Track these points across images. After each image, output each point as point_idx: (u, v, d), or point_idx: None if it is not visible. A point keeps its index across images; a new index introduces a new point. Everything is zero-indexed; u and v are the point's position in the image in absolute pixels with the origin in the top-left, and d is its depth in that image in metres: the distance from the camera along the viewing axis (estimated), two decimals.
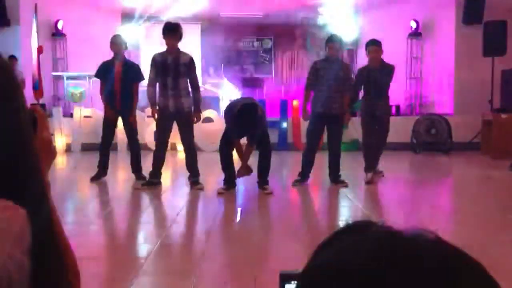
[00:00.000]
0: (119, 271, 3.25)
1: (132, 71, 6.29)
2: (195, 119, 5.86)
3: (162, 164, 5.92)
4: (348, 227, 0.49)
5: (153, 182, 5.88)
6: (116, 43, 6.29)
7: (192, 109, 5.86)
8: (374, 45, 5.98)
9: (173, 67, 5.70)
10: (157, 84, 5.81)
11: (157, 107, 5.82)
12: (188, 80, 5.78)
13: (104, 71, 6.30)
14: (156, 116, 5.84)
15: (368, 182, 6.06)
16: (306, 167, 6.03)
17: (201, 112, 6.06)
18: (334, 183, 5.96)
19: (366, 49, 6.05)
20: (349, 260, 0.44)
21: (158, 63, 5.75)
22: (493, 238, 3.94)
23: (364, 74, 6.07)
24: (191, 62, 5.79)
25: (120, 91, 6.19)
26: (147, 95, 5.88)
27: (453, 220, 4.71)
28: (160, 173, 5.96)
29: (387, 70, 6.06)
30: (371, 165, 6.15)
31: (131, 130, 6.42)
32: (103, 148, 6.39)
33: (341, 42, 6.06)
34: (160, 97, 5.82)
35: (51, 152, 0.85)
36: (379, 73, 5.99)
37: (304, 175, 6.03)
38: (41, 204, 0.73)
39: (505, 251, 3.58)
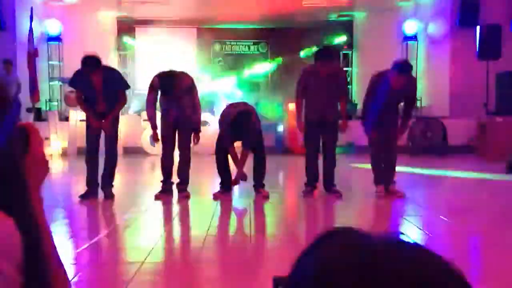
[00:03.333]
0: (114, 275, 3.24)
1: (114, 80, 5.58)
2: (195, 140, 5.70)
3: (171, 170, 5.73)
4: (328, 235, 0.50)
5: (166, 190, 5.69)
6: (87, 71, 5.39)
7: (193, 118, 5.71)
8: (403, 75, 5.31)
9: (173, 91, 5.49)
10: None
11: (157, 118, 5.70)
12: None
13: (80, 82, 5.53)
14: (157, 139, 5.70)
15: (380, 196, 5.56)
16: (312, 178, 5.71)
17: (200, 132, 5.74)
18: (328, 192, 5.67)
19: (392, 71, 5.36)
20: (329, 271, 0.45)
21: (157, 88, 5.54)
22: (492, 240, 3.95)
23: (379, 83, 5.41)
24: (191, 86, 5.61)
25: (103, 100, 5.51)
26: (148, 117, 5.68)
27: (450, 223, 4.72)
28: (171, 179, 5.74)
29: (411, 86, 5.51)
30: (380, 178, 5.65)
31: (112, 139, 5.67)
32: (89, 161, 5.60)
33: (332, 56, 5.58)
34: (162, 106, 5.71)
35: (44, 169, 0.86)
36: (400, 92, 5.42)
37: (312, 185, 5.72)
38: (29, 221, 0.73)
39: (503, 253, 3.59)
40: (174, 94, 5.51)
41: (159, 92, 5.65)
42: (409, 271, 0.44)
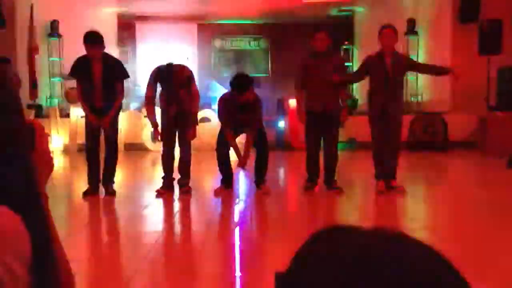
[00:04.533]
0: (115, 271, 3.25)
1: (115, 68, 5.55)
2: (191, 133, 5.61)
3: (172, 166, 5.71)
4: (325, 231, 0.51)
5: (167, 186, 5.66)
6: (89, 48, 5.42)
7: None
8: (388, 28, 5.50)
9: (171, 83, 5.49)
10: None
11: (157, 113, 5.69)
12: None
13: (79, 70, 5.52)
14: (160, 138, 5.68)
15: (381, 192, 5.50)
16: (313, 174, 5.69)
17: (197, 124, 5.73)
18: (329, 187, 5.64)
19: (379, 35, 5.56)
20: (324, 268, 0.46)
21: (157, 80, 5.55)
22: (491, 237, 3.95)
23: (374, 61, 5.50)
24: (189, 77, 5.59)
25: (102, 91, 5.44)
26: (147, 114, 5.64)
27: (450, 219, 4.73)
28: (172, 175, 5.70)
29: (402, 61, 5.59)
30: (381, 172, 5.59)
31: (112, 135, 5.61)
32: (90, 159, 5.57)
33: (327, 33, 5.57)
34: (161, 102, 5.70)
35: (49, 165, 0.87)
36: (394, 62, 5.45)
37: (313, 180, 5.71)
38: (37, 216, 0.74)
39: (501, 249, 3.59)
40: (173, 86, 5.51)
41: (158, 87, 5.65)
42: (406, 270, 0.44)
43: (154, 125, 5.70)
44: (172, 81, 5.51)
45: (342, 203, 5.39)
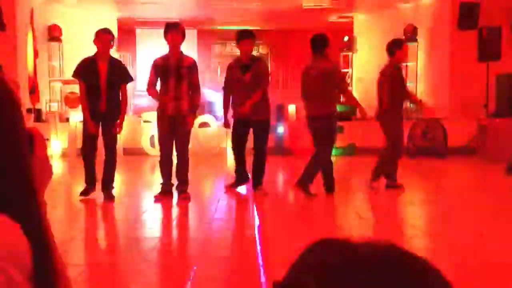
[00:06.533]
0: (114, 275, 3.24)
1: (119, 71, 5.61)
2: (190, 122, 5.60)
3: (171, 172, 5.67)
4: (318, 244, 0.53)
5: (166, 191, 5.62)
6: (102, 39, 5.52)
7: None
8: (406, 43, 5.98)
9: (175, 70, 5.48)
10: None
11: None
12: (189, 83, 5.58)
13: (85, 70, 5.52)
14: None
15: (377, 192, 5.85)
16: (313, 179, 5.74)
17: (195, 117, 5.74)
18: (329, 191, 5.70)
19: (398, 48, 5.88)
20: (319, 278, 0.47)
21: (159, 66, 5.54)
22: (490, 243, 3.95)
23: (396, 72, 5.92)
24: (193, 65, 5.61)
25: (106, 92, 5.45)
26: (152, 96, 5.67)
27: (450, 225, 4.72)
28: (170, 181, 5.66)
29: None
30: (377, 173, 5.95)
31: (112, 140, 5.61)
32: (86, 161, 5.57)
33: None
34: (160, 94, 5.60)
35: (48, 172, 0.87)
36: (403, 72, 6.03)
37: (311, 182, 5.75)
38: (35, 223, 0.74)
39: (501, 254, 3.59)
40: (176, 72, 5.48)
41: (159, 79, 5.59)
42: (395, 282, 0.45)
43: (158, 97, 5.67)
44: (175, 66, 5.48)
45: (341, 206, 5.38)
